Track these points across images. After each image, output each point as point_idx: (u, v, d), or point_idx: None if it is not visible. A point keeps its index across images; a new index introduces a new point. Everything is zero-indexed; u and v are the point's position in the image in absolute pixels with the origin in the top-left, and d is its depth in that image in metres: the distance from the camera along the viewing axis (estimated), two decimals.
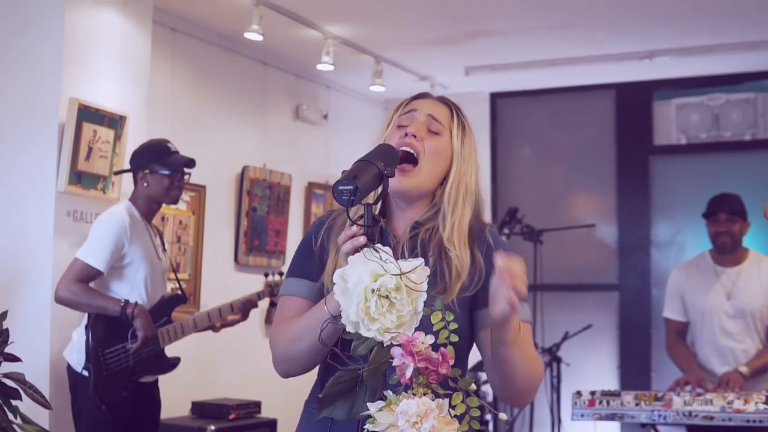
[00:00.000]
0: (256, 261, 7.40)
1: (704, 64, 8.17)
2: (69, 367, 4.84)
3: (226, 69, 7.28)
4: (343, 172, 2.22)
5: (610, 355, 8.67)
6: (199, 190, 6.81)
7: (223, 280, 7.03)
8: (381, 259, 2.05)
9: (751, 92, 8.47)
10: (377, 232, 2.23)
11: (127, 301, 4.72)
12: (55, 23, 5.21)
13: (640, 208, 8.70)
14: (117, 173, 5.36)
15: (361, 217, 2.22)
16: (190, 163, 5.03)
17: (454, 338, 2.07)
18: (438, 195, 2.56)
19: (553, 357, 7.45)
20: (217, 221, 7.07)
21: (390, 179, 2.28)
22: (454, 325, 2.08)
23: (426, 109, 2.58)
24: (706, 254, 5.87)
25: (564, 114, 9.03)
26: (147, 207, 4.99)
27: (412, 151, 2.51)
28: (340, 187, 2.16)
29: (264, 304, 7.28)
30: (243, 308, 5.37)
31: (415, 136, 2.51)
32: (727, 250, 5.70)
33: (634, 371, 8.52)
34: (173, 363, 5.08)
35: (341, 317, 2.07)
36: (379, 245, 2.10)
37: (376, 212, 2.36)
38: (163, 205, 5.12)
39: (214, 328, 5.35)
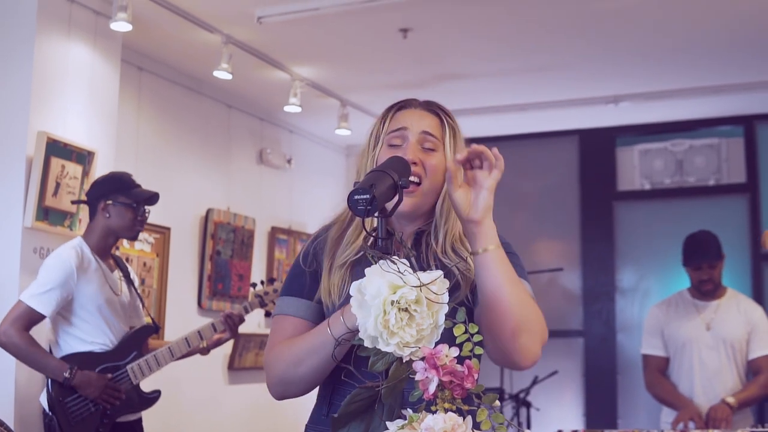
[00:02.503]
0: (220, 305, 7.27)
1: (668, 109, 8.22)
2: (43, 411, 4.67)
3: (191, 110, 7.20)
4: (356, 183, 2.15)
5: (576, 402, 8.61)
6: (164, 231, 6.70)
7: (187, 324, 6.85)
8: (399, 270, 1.97)
9: (715, 138, 8.52)
10: (392, 245, 2.16)
11: (70, 368, 4.52)
12: (24, 56, 5.11)
13: (604, 254, 8.68)
14: (75, 203, 5.18)
15: (375, 229, 2.15)
16: (154, 197, 4.87)
17: (479, 350, 1.98)
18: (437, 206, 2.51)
19: (522, 402, 7.40)
20: (181, 264, 6.95)
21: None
22: (478, 337, 1.99)
23: (417, 126, 2.50)
24: (684, 292, 5.87)
25: (527, 160, 9.03)
26: (102, 242, 4.77)
27: (417, 180, 2.44)
28: (356, 197, 2.08)
29: (227, 348, 7.19)
30: (227, 324, 5.09)
31: (415, 163, 2.44)
32: (710, 294, 5.73)
33: (600, 417, 8.46)
34: (152, 398, 4.92)
35: (357, 332, 1.99)
36: (396, 257, 2.02)
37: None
38: (123, 241, 4.97)
39: (204, 351, 5.17)
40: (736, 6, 5.97)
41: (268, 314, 5.75)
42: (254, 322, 7.75)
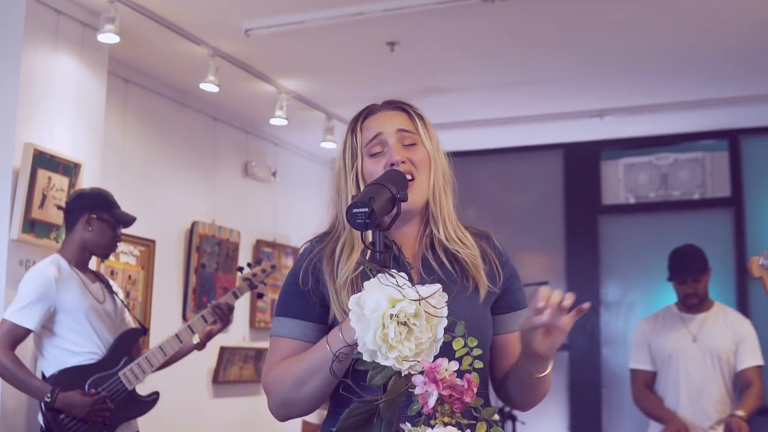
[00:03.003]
0: None
1: (652, 123, 8.25)
2: (41, 429, 4.62)
3: (177, 122, 7.18)
4: (353, 197, 2.16)
5: (561, 415, 8.60)
6: (149, 244, 6.67)
7: None
8: (397, 284, 1.97)
9: (700, 152, 8.55)
10: (391, 259, 2.15)
11: (51, 391, 4.47)
12: (11, 67, 5.09)
13: (589, 268, 8.69)
14: (61, 209, 5.04)
15: (373, 243, 2.13)
16: (133, 221, 4.88)
17: (478, 364, 1.98)
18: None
19: (508, 416, 7.40)
20: (166, 277, 6.92)
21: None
22: (477, 351, 1.99)
23: (391, 127, 2.52)
24: (671, 306, 5.91)
25: (512, 174, 9.04)
26: (80, 255, 4.75)
27: (410, 177, 2.44)
28: (355, 210, 2.07)
29: (211, 361, 7.16)
30: (216, 314, 5.07)
31: (404, 162, 2.44)
32: (696, 307, 5.76)
33: (585, 431, 8.46)
34: (150, 401, 4.89)
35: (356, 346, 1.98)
36: (394, 270, 2.01)
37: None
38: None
39: (199, 346, 5.12)
40: (720, 21, 5.99)
41: (260, 296, 5.69)
42: (239, 336, 7.73)
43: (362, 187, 2.44)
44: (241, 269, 5.53)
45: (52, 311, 4.57)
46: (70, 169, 5.29)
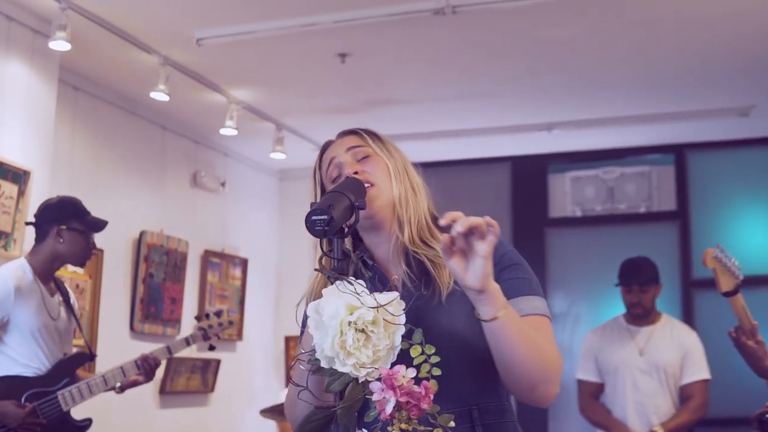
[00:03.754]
0: (152, 329, 7.21)
1: (599, 137, 8.34)
2: None
3: (126, 131, 7.15)
4: (312, 204, 2.16)
5: None
6: (97, 253, 6.62)
7: (119, 347, 6.81)
8: (356, 291, 1.98)
9: (646, 166, 8.66)
10: (350, 265, 2.17)
11: None
12: None
13: (538, 280, 8.72)
14: (30, 224, 4.99)
15: (331, 250, 2.15)
16: (104, 226, 4.86)
17: (436, 371, 1.99)
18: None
19: None
20: (114, 286, 6.88)
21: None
22: (435, 359, 2.00)
23: (341, 149, 2.53)
24: (619, 317, 5.96)
25: (460, 186, 9.07)
26: (48, 265, 4.71)
27: (369, 184, 2.44)
28: (314, 218, 2.07)
29: (158, 371, 7.11)
30: (144, 367, 4.98)
31: (356, 173, 2.45)
32: (641, 318, 5.81)
33: None
34: (82, 426, 4.84)
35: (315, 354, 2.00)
36: (352, 278, 2.03)
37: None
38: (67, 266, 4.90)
39: (119, 390, 5.02)
40: (667, 38, 6.08)
41: (212, 348, 5.66)
42: None
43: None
44: (198, 318, 5.52)
45: (5, 321, 4.53)
46: (19, 176, 5.25)
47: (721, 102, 7.38)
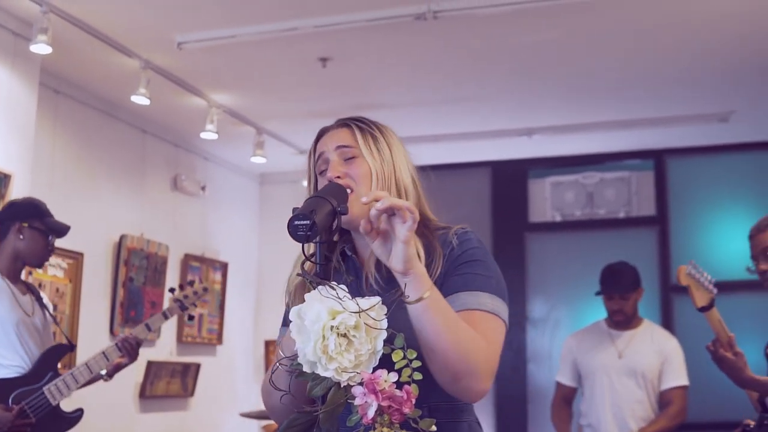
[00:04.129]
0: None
1: (579, 143, 8.37)
2: None
3: (107, 135, 7.14)
4: (294, 209, 2.16)
5: (487, 431, 8.65)
6: (77, 257, 6.62)
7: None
8: (338, 296, 1.99)
9: (625, 171, 8.69)
10: (331, 270, 2.18)
11: None
12: None
13: (516, 285, 8.76)
14: None
15: (313, 254, 2.16)
16: (66, 230, 4.84)
17: (418, 376, 2.00)
18: None
19: None
20: (94, 290, 6.87)
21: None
22: (417, 363, 2.01)
23: (331, 145, 2.54)
24: (601, 322, 5.98)
25: (441, 190, 9.01)
26: (12, 265, 4.69)
27: (350, 190, 2.44)
28: (296, 222, 2.08)
29: (138, 375, 7.11)
30: (125, 348, 4.96)
31: (339, 177, 2.46)
32: (623, 325, 5.84)
33: None
34: (75, 417, 4.82)
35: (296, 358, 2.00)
36: (334, 283, 2.04)
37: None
38: (28, 268, 4.88)
39: (106, 377, 4.99)
40: (646, 44, 6.11)
41: (190, 317, 5.64)
42: (166, 350, 7.69)
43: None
44: (172, 290, 5.49)
45: None
46: None
47: (701, 108, 7.42)
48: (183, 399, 7.96)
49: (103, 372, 4.96)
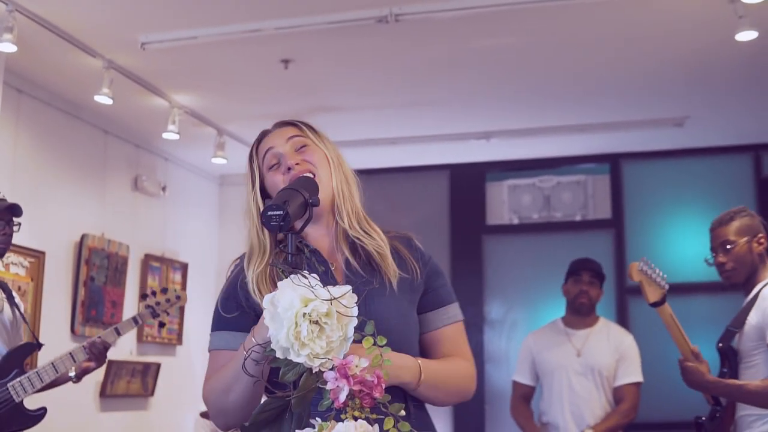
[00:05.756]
0: (93, 332, 7.18)
1: (536, 146, 8.46)
2: None
3: (68, 135, 7.14)
4: (267, 200, 2.23)
5: (444, 431, 8.71)
6: (39, 256, 6.63)
7: (60, 349, 6.73)
8: (309, 284, 2.06)
9: (582, 175, 8.80)
10: (304, 260, 2.24)
11: None
12: None
13: (473, 287, 8.84)
14: None
15: (285, 244, 2.22)
16: (15, 208, 4.80)
17: (388, 362, 2.07)
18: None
19: None
20: (55, 289, 6.87)
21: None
22: (387, 349, 2.08)
23: (281, 139, 2.61)
24: (557, 320, 6.08)
25: (399, 193, 9.14)
26: None
27: (312, 175, 2.52)
28: (270, 213, 2.15)
29: (98, 374, 7.11)
30: (92, 352, 4.99)
31: (298, 164, 2.54)
32: (584, 311, 5.93)
33: None
34: (37, 415, 4.83)
35: (269, 345, 2.06)
36: (306, 272, 2.10)
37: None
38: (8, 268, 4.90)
39: (75, 379, 5.03)
40: (602, 51, 6.21)
41: (161, 325, 5.66)
42: (126, 350, 7.70)
43: (266, 202, 2.49)
44: (144, 296, 5.50)
45: None
46: None
47: (657, 112, 7.53)
48: (143, 398, 7.97)
49: (72, 374, 4.99)
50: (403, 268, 2.56)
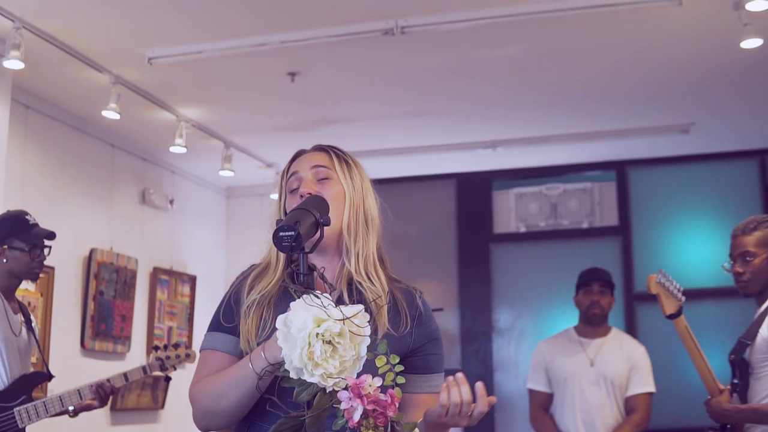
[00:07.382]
0: (102, 346, 7.23)
1: (542, 154, 8.46)
2: None
3: (76, 149, 7.17)
4: (278, 221, 2.25)
5: None
6: (48, 271, 6.64)
7: (69, 364, 6.83)
8: (322, 305, 2.07)
9: (588, 182, 8.80)
10: (313, 281, 2.25)
11: None
12: None
13: (481, 295, 8.84)
14: None
15: (297, 264, 2.24)
16: (51, 235, 4.86)
17: (401, 380, 2.09)
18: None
19: None
20: (65, 304, 6.89)
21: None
22: (399, 368, 2.10)
23: (307, 165, 2.62)
24: (570, 329, 6.08)
25: (407, 203, 9.14)
26: (6, 282, 4.73)
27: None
28: (281, 234, 2.17)
29: None
30: (98, 393, 5.04)
31: (310, 194, 2.53)
32: (597, 322, 5.93)
33: None
34: None
35: (281, 365, 2.08)
36: (318, 292, 2.12)
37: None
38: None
39: (73, 414, 5.05)
40: (606, 59, 6.22)
41: (167, 379, 5.75)
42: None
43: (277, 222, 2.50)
44: (156, 348, 5.57)
45: None
46: None
47: (662, 119, 7.53)
48: (153, 411, 7.99)
49: (71, 408, 5.00)
50: (395, 322, 2.51)
